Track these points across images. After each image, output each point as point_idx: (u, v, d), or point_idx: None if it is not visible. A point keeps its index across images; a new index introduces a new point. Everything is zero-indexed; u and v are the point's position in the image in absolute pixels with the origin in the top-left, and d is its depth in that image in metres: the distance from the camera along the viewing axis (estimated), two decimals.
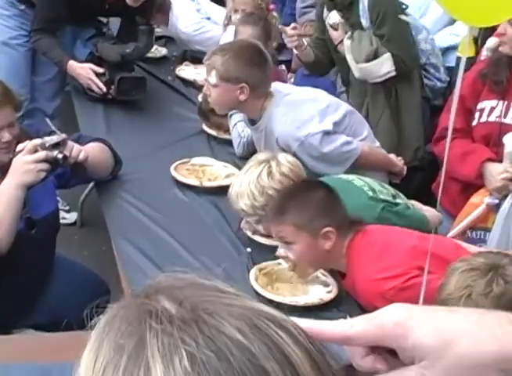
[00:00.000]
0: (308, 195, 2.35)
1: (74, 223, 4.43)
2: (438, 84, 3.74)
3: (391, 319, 0.75)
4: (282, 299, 2.40)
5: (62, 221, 4.29)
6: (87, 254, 4.10)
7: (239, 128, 3.34)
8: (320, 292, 2.45)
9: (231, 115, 3.35)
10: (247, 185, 2.55)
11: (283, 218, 2.32)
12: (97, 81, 3.72)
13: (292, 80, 4.41)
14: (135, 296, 0.71)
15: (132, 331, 0.66)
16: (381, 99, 3.64)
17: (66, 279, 2.95)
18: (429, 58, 3.72)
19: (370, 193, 2.62)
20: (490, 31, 3.19)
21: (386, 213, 2.59)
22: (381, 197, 2.64)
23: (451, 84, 3.72)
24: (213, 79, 2.98)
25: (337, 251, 2.33)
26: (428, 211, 2.78)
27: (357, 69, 3.58)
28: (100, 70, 3.75)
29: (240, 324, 0.65)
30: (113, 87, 3.69)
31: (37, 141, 2.53)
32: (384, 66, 3.53)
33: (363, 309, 2.34)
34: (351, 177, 2.76)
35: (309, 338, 0.68)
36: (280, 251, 2.39)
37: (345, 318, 2.28)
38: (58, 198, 4.29)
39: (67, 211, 4.44)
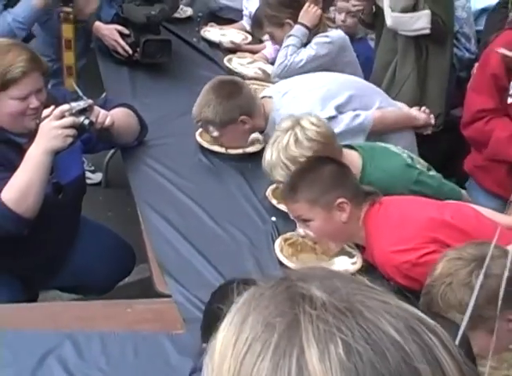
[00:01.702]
0: (317, 170, 2.38)
1: (99, 183, 4.46)
2: (467, 54, 3.67)
3: None
4: None
5: (87, 181, 4.34)
6: (111, 215, 4.14)
7: (289, 51, 3.37)
8: (345, 263, 2.45)
9: (289, 35, 3.39)
10: (278, 156, 2.54)
11: (296, 197, 2.36)
12: (122, 43, 3.70)
13: None
14: (283, 279, 0.72)
15: (284, 312, 0.67)
16: (411, 58, 3.57)
17: (93, 243, 2.99)
18: (462, 26, 3.64)
19: (409, 160, 2.63)
20: None
21: (423, 177, 2.61)
22: (417, 166, 2.65)
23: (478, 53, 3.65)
24: (215, 132, 2.98)
25: (354, 222, 2.36)
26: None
27: (390, 17, 3.49)
28: (126, 31, 3.72)
29: (396, 323, 0.66)
30: (138, 49, 3.67)
31: (64, 107, 2.53)
32: (420, 21, 3.44)
33: (388, 281, 2.35)
34: (388, 145, 2.76)
35: (458, 349, 0.69)
36: (300, 231, 2.42)
37: None
38: (83, 159, 4.34)
39: (92, 172, 4.47)
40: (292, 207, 2.42)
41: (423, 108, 3.22)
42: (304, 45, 3.43)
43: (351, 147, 2.69)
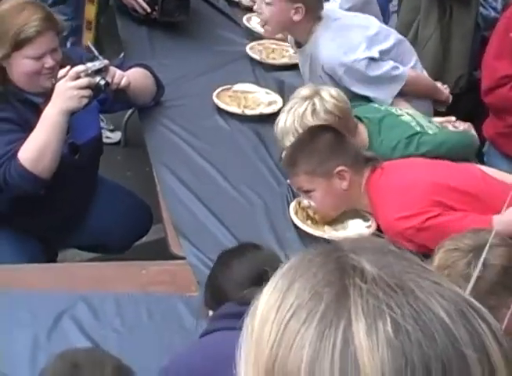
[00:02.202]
0: (314, 141, 2.37)
1: (118, 143, 4.47)
2: (493, 13, 3.58)
3: None
4: (321, 234, 2.42)
5: (106, 140, 4.35)
6: (130, 175, 4.15)
7: None
8: (359, 226, 2.45)
9: None
10: (292, 123, 2.53)
11: (296, 170, 2.38)
12: (140, 0, 3.66)
13: None
14: (333, 248, 0.71)
15: (333, 282, 0.67)
16: (434, 18, 3.49)
17: (110, 202, 3.01)
18: None
19: (418, 129, 2.60)
20: None
21: (425, 138, 2.59)
22: (429, 131, 2.62)
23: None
24: (263, 10, 2.91)
25: (355, 189, 2.37)
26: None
27: None
28: None
29: (448, 306, 0.66)
30: (156, 8, 3.63)
31: (80, 67, 2.52)
32: None
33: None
34: (399, 111, 2.73)
35: (506, 339, 0.68)
36: (304, 202, 2.44)
37: None
38: (102, 117, 4.34)
39: (111, 131, 4.47)
40: (293, 180, 2.45)
41: (445, 86, 3.19)
42: None
43: (359, 119, 2.67)
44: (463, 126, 2.85)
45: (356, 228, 2.45)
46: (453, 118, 2.93)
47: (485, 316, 0.67)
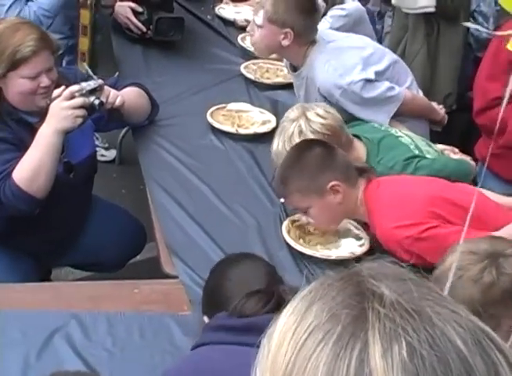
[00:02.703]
0: (303, 157, 2.37)
1: (113, 161, 4.48)
2: (484, 34, 3.61)
3: None
4: (313, 253, 2.42)
5: (101, 158, 4.37)
6: (125, 193, 4.16)
7: None
8: (352, 245, 2.46)
9: None
10: (283, 146, 2.54)
11: (288, 189, 2.38)
12: (135, 20, 3.68)
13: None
14: (353, 273, 0.72)
15: (352, 305, 0.68)
16: (421, 34, 3.53)
17: (104, 221, 3.01)
18: (479, 5, 3.58)
19: (416, 152, 2.62)
20: None
21: (423, 162, 2.59)
22: (428, 156, 2.63)
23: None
24: (259, 20, 2.95)
25: (351, 201, 2.37)
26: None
27: None
28: (139, 8, 3.71)
29: (464, 334, 0.66)
30: (151, 27, 3.66)
31: (75, 87, 2.54)
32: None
33: (396, 263, 2.35)
34: (399, 133, 2.74)
35: None
36: (303, 219, 2.45)
37: None
38: (97, 135, 4.36)
39: (106, 149, 4.49)
40: (287, 199, 2.46)
41: (441, 106, 3.21)
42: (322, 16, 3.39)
43: (358, 138, 2.68)
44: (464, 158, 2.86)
45: (349, 247, 2.46)
46: (456, 150, 2.93)
47: (502, 347, 0.67)
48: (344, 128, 2.64)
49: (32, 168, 2.48)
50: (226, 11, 4.13)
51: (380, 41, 3.69)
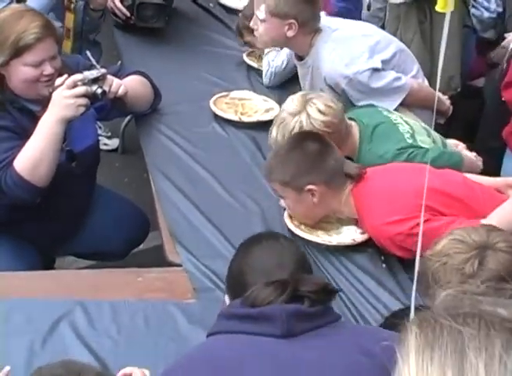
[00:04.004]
0: (292, 152, 2.39)
1: (116, 150, 4.47)
2: (486, 13, 3.56)
3: None
4: (314, 238, 2.43)
5: (103, 147, 4.37)
6: (127, 182, 4.16)
7: (269, 57, 3.31)
8: (353, 233, 2.46)
9: None
10: (282, 138, 2.55)
11: (271, 177, 2.45)
12: (119, 5, 3.65)
13: None
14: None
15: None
16: (414, 22, 3.51)
17: (107, 210, 3.01)
18: None
19: (410, 141, 2.60)
20: None
21: (415, 155, 2.57)
22: (423, 145, 2.61)
23: (505, 16, 3.55)
24: (261, 14, 2.93)
25: (331, 203, 2.40)
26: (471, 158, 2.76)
27: None
28: None
29: None
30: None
31: (77, 76, 2.53)
32: None
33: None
34: (398, 120, 2.73)
35: None
36: (281, 203, 2.50)
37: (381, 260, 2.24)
38: (100, 124, 4.36)
39: (109, 138, 4.48)
40: (270, 184, 2.53)
41: (446, 96, 3.20)
42: None
43: (354, 121, 2.67)
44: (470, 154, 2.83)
45: (350, 234, 2.46)
46: (464, 146, 2.91)
47: None
48: (343, 121, 2.63)
49: (34, 156, 2.47)
50: None
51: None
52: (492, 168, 2.96)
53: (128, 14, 3.64)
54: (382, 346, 0.90)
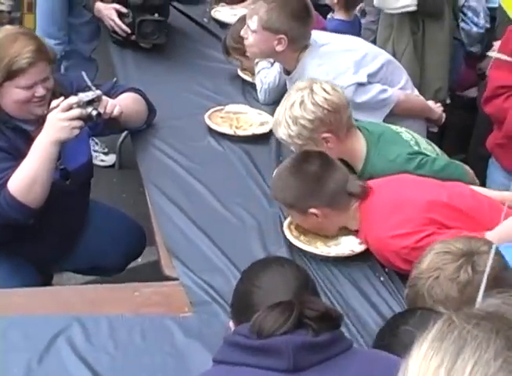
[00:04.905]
0: (292, 178, 2.40)
1: (113, 166, 4.49)
2: (474, 29, 3.61)
3: None
4: (313, 250, 2.44)
5: (100, 163, 4.39)
6: (125, 197, 4.17)
7: (261, 75, 3.33)
8: (352, 243, 2.47)
9: (256, 62, 3.33)
10: (283, 113, 2.57)
11: (276, 197, 2.50)
12: (119, 22, 3.67)
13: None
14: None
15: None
16: (407, 32, 3.54)
17: (103, 225, 3.02)
18: (468, 0, 3.59)
19: (415, 148, 2.62)
20: None
21: (425, 162, 2.57)
22: (428, 153, 2.63)
23: (493, 31, 3.59)
24: (253, 25, 2.95)
25: (336, 221, 2.42)
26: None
27: None
28: (124, 9, 3.69)
29: None
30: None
31: (73, 99, 2.53)
32: None
33: (383, 267, 2.37)
34: (400, 129, 2.75)
35: None
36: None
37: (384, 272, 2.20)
38: (96, 141, 4.37)
39: (106, 154, 4.50)
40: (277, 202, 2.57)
41: (438, 104, 3.21)
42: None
43: (358, 129, 2.68)
44: None
45: (349, 244, 2.47)
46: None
47: None
48: (347, 110, 2.61)
49: (27, 178, 2.47)
50: (222, 14, 4.14)
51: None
52: (485, 178, 2.98)
53: (129, 31, 3.66)
54: None
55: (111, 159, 4.50)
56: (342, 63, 2.91)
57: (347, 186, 2.38)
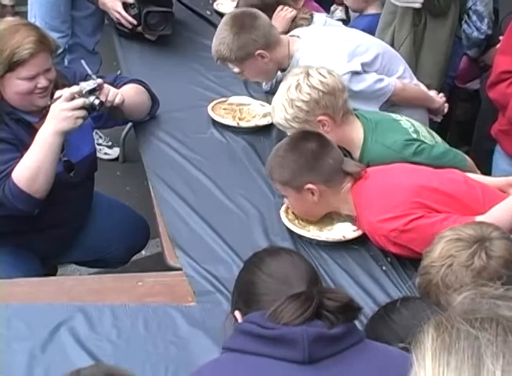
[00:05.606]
0: (289, 154, 2.40)
1: (117, 159, 4.50)
2: (475, 33, 3.57)
3: None
4: (304, 233, 2.45)
5: (104, 157, 4.40)
6: (129, 190, 4.18)
7: None
8: (346, 229, 2.47)
9: None
10: (280, 97, 2.59)
11: (272, 177, 2.48)
12: (125, 14, 3.67)
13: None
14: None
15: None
16: (408, 23, 3.50)
17: (107, 218, 3.03)
18: (476, 3, 3.55)
19: (415, 136, 2.62)
20: None
21: (423, 148, 2.57)
22: (426, 141, 2.63)
23: (492, 37, 3.57)
24: (236, 69, 2.99)
25: (332, 200, 2.42)
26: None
27: None
28: (130, 0, 3.69)
29: None
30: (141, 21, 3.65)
31: (75, 88, 2.54)
32: None
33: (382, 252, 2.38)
34: (399, 117, 2.75)
35: None
36: (285, 201, 2.53)
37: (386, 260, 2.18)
38: (100, 134, 4.38)
39: (110, 147, 4.51)
40: (272, 183, 2.55)
41: (441, 94, 3.20)
42: None
43: (355, 116, 2.68)
44: None
45: (342, 230, 2.47)
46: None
47: None
48: (343, 94, 2.61)
49: (32, 168, 2.48)
50: (225, 6, 4.14)
51: None
52: (488, 170, 2.97)
53: (135, 23, 3.66)
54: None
55: (115, 152, 4.50)
56: (335, 53, 2.90)
57: (343, 165, 2.41)
